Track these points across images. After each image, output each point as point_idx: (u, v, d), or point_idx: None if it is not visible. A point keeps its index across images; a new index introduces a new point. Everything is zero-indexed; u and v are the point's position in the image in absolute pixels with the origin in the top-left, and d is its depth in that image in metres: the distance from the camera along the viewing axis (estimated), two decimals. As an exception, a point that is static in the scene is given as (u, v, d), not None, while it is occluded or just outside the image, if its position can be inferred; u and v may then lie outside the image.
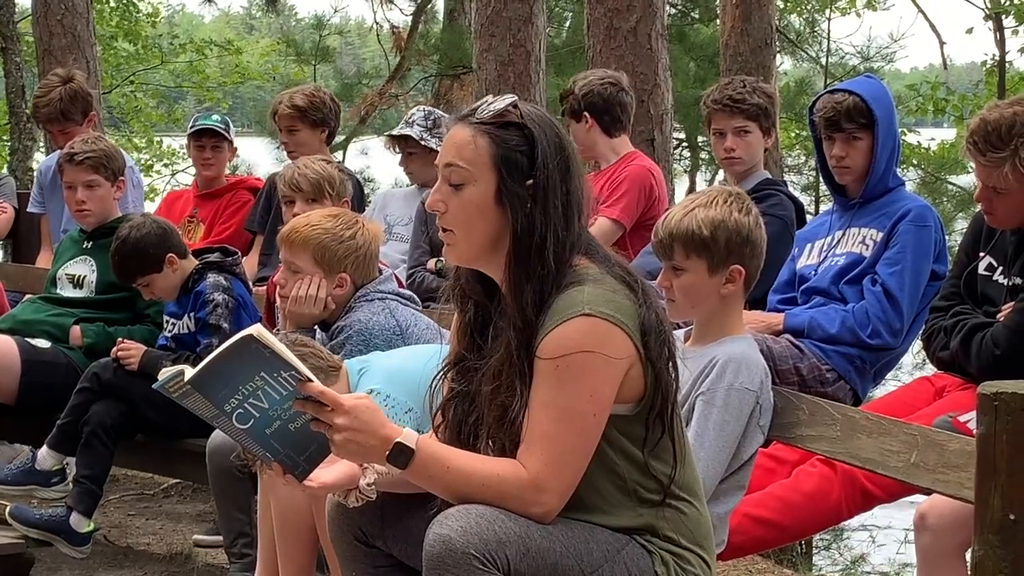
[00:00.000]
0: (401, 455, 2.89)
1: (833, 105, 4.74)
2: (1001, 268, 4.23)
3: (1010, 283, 4.18)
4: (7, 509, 5.32)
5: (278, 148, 15.48)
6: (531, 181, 2.98)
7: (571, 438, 2.92)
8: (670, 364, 3.01)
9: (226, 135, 6.86)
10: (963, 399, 4.08)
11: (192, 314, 5.39)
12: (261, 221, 6.60)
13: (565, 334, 2.91)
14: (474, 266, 3.08)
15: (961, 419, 3.85)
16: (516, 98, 3.05)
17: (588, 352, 2.90)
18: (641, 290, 3.00)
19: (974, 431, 3.64)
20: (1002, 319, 4.12)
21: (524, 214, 2.97)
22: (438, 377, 3.19)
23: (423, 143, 6.32)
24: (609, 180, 5.87)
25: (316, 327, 4.59)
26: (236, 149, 7.09)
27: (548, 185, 2.99)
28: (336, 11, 18.56)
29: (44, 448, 5.50)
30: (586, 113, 5.91)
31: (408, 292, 4.86)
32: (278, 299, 4.73)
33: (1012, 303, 4.13)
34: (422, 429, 3.22)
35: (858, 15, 16.99)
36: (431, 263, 5.97)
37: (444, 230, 3.05)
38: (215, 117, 7.04)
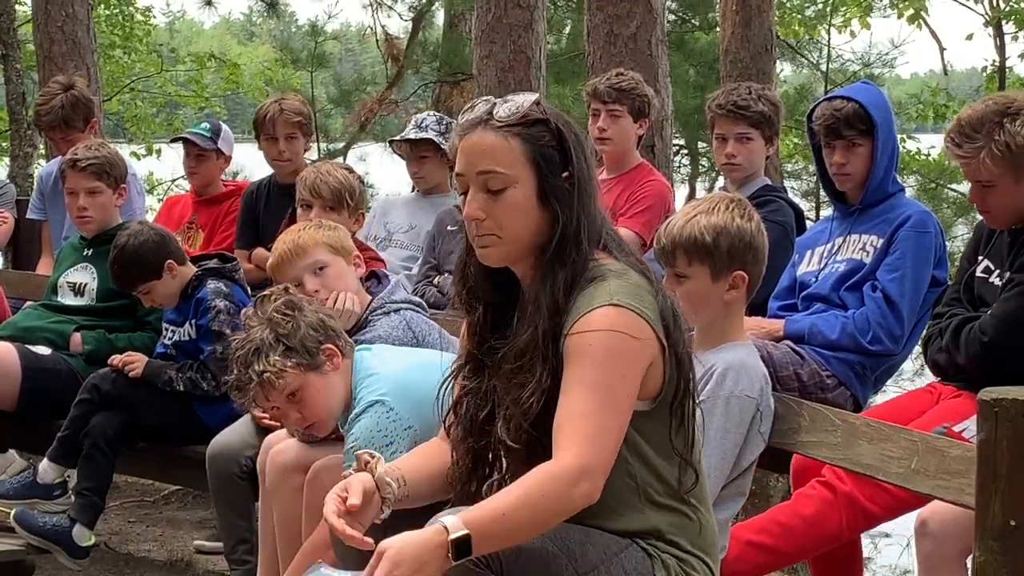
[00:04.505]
0: (462, 545, 2.79)
1: (832, 112, 4.74)
2: (998, 271, 4.24)
3: (1004, 280, 4.19)
4: (11, 513, 5.31)
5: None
6: (566, 173, 3.01)
7: (609, 415, 2.89)
8: (686, 350, 3.03)
9: (204, 145, 6.78)
10: (957, 407, 4.08)
11: (193, 321, 5.39)
12: (249, 238, 6.59)
13: (595, 318, 2.92)
14: (512, 264, 3.07)
15: (955, 429, 3.84)
16: (537, 95, 3.07)
17: (619, 332, 2.91)
18: (656, 280, 3.04)
19: (969, 440, 3.66)
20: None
21: (568, 204, 3.00)
22: (447, 381, 3.20)
23: (442, 147, 6.32)
24: (628, 192, 5.91)
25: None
26: (229, 158, 7.00)
27: (582, 175, 3.02)
28: (330, 16, 18.42)
29: (45, 461, 5.50)
30: (648, 119, 6.04)
31: (417, 299, 4.88)
32: None
33: None
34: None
35: (852, 35, 16.97)
36: (438, 279, 5.98)
37: (483, 235, 3.03)
38: (204, 125, 6.97)
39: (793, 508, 4.07)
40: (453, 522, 2.79)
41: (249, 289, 5.64)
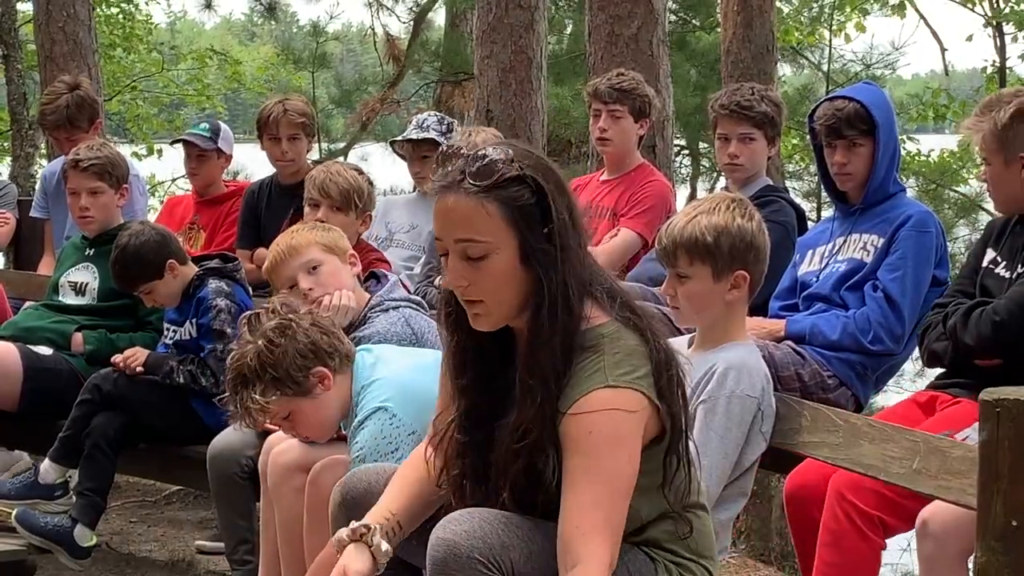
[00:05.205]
0: None
1: (834, 112, 4.75)
2: (1005, 263, 4.25)
3: (1014, 274, 4.20)
4: (13, 513, 5.31)
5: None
6: (547, 230, 2.91)
7: (619, 498, 2.90)
8: (680, 396, 2.99)
9: (204, 146, 6.79)
10: (956, 414, 4.07)
11: (194, 320, 5.39)
12: (251, 238, 6.59)
13: (593, 401, 2.88)
14: (506, 323, 3.00)
15: (958, 437, 3.83)
16: (509, 149, 2.93)
17: (617, 411, 2.88)
18: (648, 329, 2.97)
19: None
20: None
21: (551, 265, 2.91)
22: (436, 437, 3.16)
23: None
24: (629, 193, 5.92)
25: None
26: (230, 157, 7.01)
27: (563, 229, 2.92)
28: (332, 17, 18.29)
29: (46, 462, 5.50)
30: (649, 120, 6.04)
31: (417, 298, 4.88)
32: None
33: None
34: None
35: (848, 39, 16.95)
36: (439, 279, 5.97)
37: (470, 302, 2.95)
38: (203, 125, 6.96)
39: (822, 544, 3.98)
40: None
41: (250, 289, 5.64)
